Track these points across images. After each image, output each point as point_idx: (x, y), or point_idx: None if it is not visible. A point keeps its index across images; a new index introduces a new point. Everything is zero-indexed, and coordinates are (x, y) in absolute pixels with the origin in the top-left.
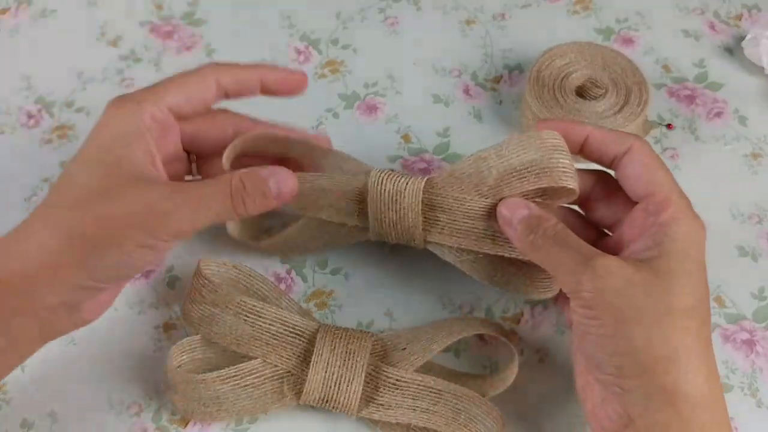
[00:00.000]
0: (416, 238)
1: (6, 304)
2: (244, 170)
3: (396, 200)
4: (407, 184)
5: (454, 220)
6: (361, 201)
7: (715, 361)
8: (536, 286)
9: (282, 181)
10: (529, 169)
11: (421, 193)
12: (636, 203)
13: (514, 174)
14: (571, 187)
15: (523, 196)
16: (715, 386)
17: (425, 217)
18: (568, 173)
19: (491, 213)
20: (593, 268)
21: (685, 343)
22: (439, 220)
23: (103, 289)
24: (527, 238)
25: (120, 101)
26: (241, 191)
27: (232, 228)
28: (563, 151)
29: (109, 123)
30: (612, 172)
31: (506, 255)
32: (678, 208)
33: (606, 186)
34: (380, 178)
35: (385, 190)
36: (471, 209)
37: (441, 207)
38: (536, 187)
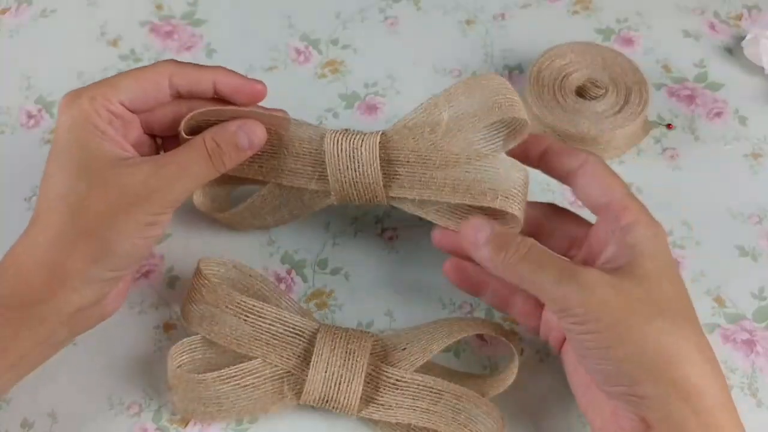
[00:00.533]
0: (378, 195)
1: (31, 314)
2: (213, 129)
3: (354, 158)
4: (363, 140)
5: (413, 173)
6: (320, 163)
7: (715, 356)
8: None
9: (251, 132)
10: (479, 107)
11: (377, 148)
12: (589, 226)
13: (465, 115)
14: (522, 117)
15: (482, 139)
16: (723, 380)
17: (384, 173)
18: (516, 106)
19: (448, 162)
20: (579, 283)
21: (687, 338)
22: (399, 174)
23: (122, 277)
24: (498, 258)
25: (73, 97)
26: (217, 150)
27: (199, 202)
28: (509, 87)
29: (68, 120)
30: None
31: (467, 203)
32: (636, 212)
33: (555, 213)
34: (336, 139)
35: (342, 149)
36: (428, 159)
37: (399, 161)
38: (488, 123)
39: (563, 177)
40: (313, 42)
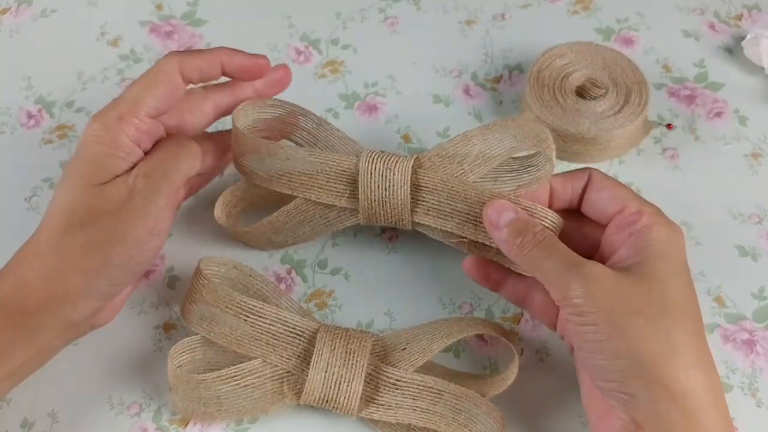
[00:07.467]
0: (404, 219)
1: (29, 324)
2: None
3: (386, 177)
4: (397, 162)
5: (439, 202)
6: (351, 182)
7: (712, 359)
8: None
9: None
10: (510, 143)
11: (410, 170)
12: (603, 227)
13: (494, 149)
14: (548, 153)
15: (510, 179)
16: (716, 383)
17: (413, 197)
18: (547, 142)
19: (472, 198)
20: (583, 274)
21: (681, 340)
22: (425, 201)
23: (120, 292)
24: (515, 242)
25: (100, 119)
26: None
27: (220, 216)
28: (544, 129)
29: (89, 141)
30: None
31: (485, 243)
32: (651, 215)
33: (569, 219)
34: (371, 158)
35: (375, 169)
36: (454, 191)
37: (427, 187)
38: (517, 155)
39: (575, 201)
40: (313, 42)
